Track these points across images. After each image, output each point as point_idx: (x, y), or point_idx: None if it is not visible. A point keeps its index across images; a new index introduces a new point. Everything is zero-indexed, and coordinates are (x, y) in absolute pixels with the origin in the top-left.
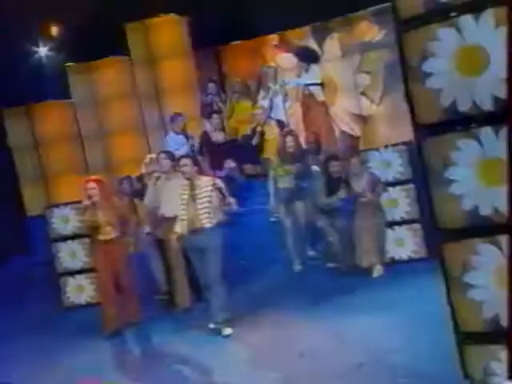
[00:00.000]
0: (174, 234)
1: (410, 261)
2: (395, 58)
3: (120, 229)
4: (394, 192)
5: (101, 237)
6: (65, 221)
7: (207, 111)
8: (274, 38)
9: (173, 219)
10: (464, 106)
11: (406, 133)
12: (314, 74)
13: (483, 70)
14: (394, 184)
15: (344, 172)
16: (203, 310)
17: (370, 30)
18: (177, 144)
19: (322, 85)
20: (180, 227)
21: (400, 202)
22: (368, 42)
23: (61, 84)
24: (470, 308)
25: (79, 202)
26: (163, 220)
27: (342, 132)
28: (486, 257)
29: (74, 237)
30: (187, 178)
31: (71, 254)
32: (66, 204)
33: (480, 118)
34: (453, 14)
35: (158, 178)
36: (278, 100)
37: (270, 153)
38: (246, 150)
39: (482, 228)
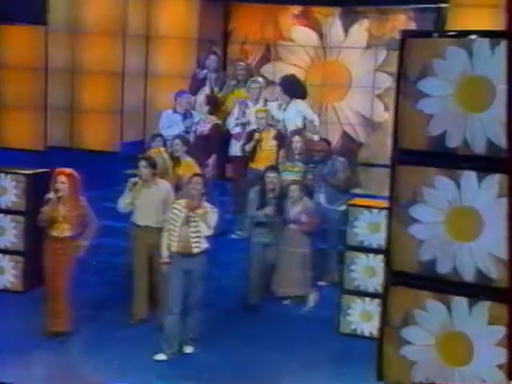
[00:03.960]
0: (165, 258)
1: (371, 338)
2: None
3: (77, 229)
4: (374, 260)
5: (54, 232)
6: (1, 192)
7: (196, 87)
8: (295, 7)
9: (144, 228)
10: None
11: None
12: (295, 111)
13: None
14: (376, 251)
15: (279, 185)
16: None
17: (406, 27)
18: (170, 122)
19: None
20: (169, 248)
21: (377, 273)
22: None
23: (38, 6)
24: (407, 245)
25: (21, 173)
26: (134, 226)
27: (344, 133)
28: (441, 191)
29: (7, 212)
30: (192, 197)
31: None
32: (7, 173)
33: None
34: None
35: (135, 184)
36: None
37: (262, 164)
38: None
39: (445, 158)
